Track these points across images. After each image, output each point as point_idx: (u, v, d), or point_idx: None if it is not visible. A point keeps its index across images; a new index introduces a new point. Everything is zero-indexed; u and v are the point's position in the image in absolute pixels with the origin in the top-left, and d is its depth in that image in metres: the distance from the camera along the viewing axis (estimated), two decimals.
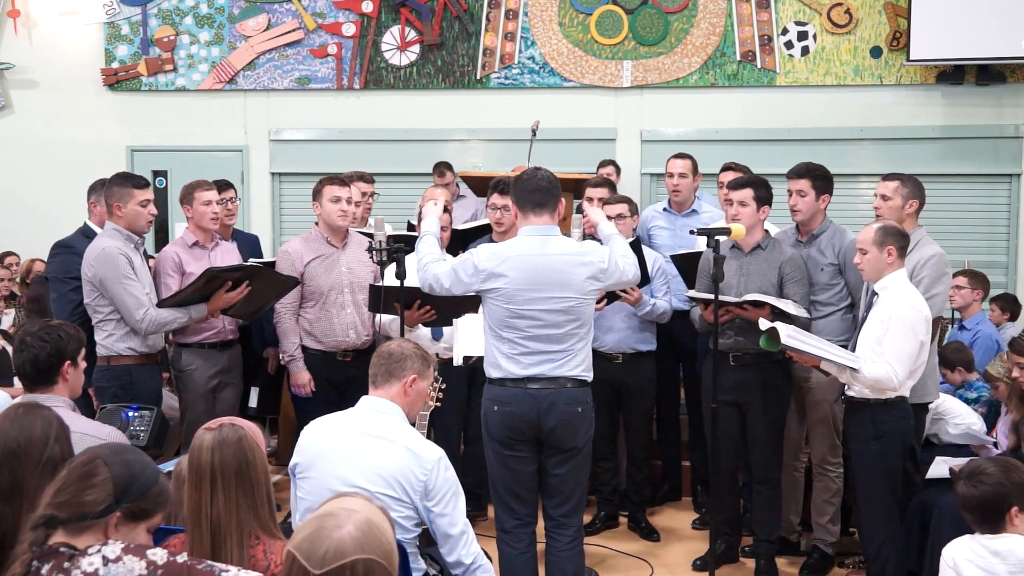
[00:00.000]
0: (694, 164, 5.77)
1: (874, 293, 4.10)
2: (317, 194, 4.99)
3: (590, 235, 4.51)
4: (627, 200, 5.12)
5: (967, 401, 5.14)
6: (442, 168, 6.96)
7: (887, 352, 3.93)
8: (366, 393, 3.21)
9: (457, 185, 6.95)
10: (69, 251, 4.80)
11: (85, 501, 2.04)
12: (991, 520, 2.87)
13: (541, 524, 3.98)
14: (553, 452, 3.82)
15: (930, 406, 4.63)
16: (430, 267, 3.88)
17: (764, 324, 4.08)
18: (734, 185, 4.68)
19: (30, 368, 3.10)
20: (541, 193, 3.81)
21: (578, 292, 3.76)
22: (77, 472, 2.05)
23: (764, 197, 4.59)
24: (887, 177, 4.53)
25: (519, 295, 3.71)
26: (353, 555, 1.82)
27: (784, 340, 3.92)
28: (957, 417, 4.84)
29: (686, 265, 5.05)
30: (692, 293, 4.83)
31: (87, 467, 2.05)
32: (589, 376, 3.86)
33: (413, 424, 3.22)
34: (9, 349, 5.21)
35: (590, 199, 5.25)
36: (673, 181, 5.73)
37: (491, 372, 3.84)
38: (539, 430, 3.77)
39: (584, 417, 3.82)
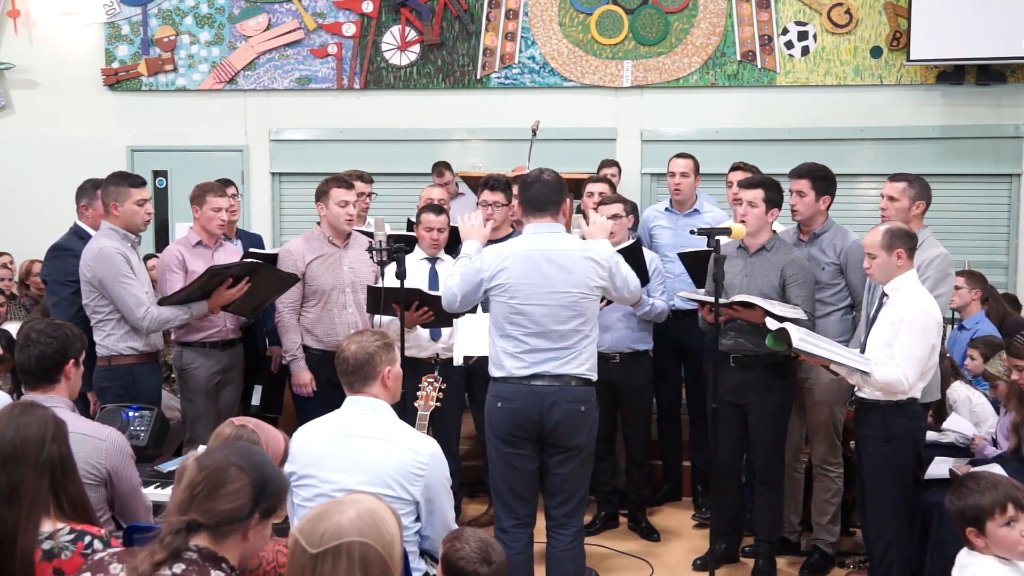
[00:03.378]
0: (695, 164, 5.77)
1: (884, 295, 4.06)
2: (323, 195, 4.98)
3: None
4: (622, 200, 5.13)
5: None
6: (441, 168, 6.96)
7: (897, 355, 3.90)
8: None
9: (456, 184, 6.96)
10: (66, 253, 4.79)
11: (230, 508, 2.06)
12: (960, 535, 2.89)
13: (540, 524, 3.98)
14: (555, 451, 3.82)
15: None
16: (445, 285, 3.93)
17: (772, 324, 4.04)
18: (746, 184, 4.64)
19: (35, 364, 3.09)
20: (541, 201, 3.83)
21: (582, 287, 3.76)
22: (215, 479, 2.08)
23: (774, 199, 4.57)
24: (894, 177, 4.46)
25: (522, 290, 3.72)
26: (349, 537, 1.84)
27: (796, 343, 3.88)
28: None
29: (694, 263, 5.02)
30: (684, 293, 4.83)
31: (224, 474, 2.09)
32: (594, 376, 3.86)
33: (399, 401, 3.21)
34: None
35: (591, 193, 5.30)
36: (675, 180, 5.72)
37: (494, 372, 3.85)
38: (542, 428, 3.77)
39: (587, 416, 3.82)
